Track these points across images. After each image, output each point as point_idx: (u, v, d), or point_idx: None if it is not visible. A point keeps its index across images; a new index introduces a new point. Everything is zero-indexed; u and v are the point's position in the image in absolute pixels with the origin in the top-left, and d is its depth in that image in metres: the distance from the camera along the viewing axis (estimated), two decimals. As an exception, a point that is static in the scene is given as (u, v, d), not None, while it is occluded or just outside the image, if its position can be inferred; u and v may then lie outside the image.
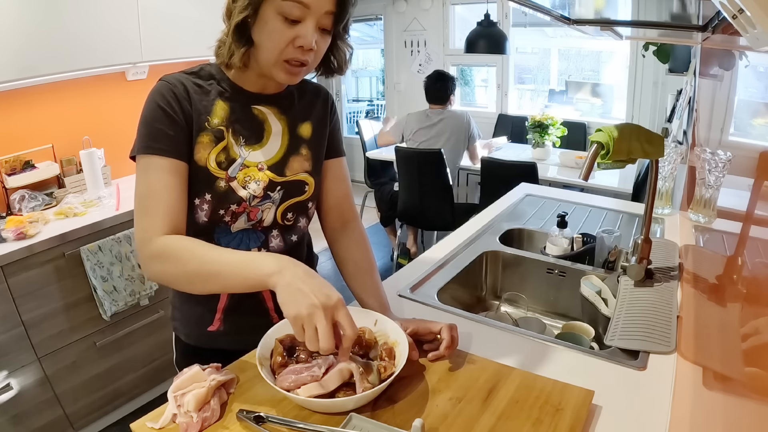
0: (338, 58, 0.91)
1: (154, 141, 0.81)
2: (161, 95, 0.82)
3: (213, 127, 0.86)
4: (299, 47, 0.79)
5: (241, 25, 0.79)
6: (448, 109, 3.14)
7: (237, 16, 0.78)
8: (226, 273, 0.74)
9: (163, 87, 0.83)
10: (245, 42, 0.81)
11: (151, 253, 0.78)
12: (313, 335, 0.67)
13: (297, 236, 0.99)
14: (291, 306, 0.67)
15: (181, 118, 0.82)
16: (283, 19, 0.77)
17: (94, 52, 1.94)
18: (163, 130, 0.81)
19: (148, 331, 2.09)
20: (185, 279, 0.77)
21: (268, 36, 0.79)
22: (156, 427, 0.72)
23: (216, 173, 0.86)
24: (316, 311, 0.67)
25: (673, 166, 1.59)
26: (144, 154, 0.81)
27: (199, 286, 0.77)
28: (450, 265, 1.35)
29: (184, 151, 0.83)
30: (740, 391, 0.55)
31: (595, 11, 1.28)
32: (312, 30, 0.78)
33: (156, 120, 0.81)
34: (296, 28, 0.78)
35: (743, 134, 1.07)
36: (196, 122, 0.84)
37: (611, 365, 0.91)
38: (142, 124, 0.82)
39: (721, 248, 1.03)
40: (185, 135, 0.83)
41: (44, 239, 1.73)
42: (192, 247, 0.77)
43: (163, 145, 0.81)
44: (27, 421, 1.77)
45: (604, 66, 4.35)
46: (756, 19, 0.37)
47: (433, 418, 0.74)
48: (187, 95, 0.84)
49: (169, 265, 0.77)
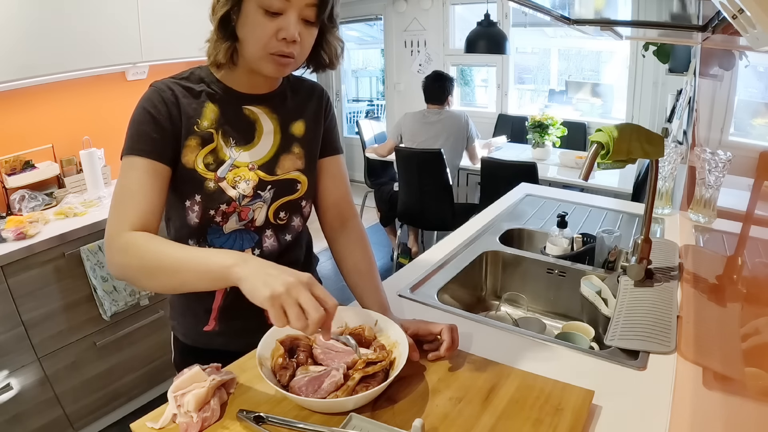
0: (328, 52, 0.91)
1: (137, 143, 0.82)
2: (149, 100, 0.84)
3: (202, 130, 0.86)
4: (282, 39, 0.79)
5: (224, 20, 0.80)
6: (446, 109, 3.14)
7: (219, 11, 0.79)
8: (188, 267, 0.72)
9: (152, 93, 0.84)
10: (229, 37, 0.82)
11: (117, 247, 0.77)
12: (299, 312, 0.64)
13: (292, 236, 0.98)
14: (263, 289, 0.64)
15: (167, 122, 0.83)
16: (264, 12, 0.78)
17: (94, 52, 1.94)
18: (147, 133, 0.82)
19: (148, 331, 2.09)
20: (147, 272, 0.75)
21: (251, 30, 0.79)
22: (156, 427, 0.72)
23: (204, 174, 0.86)
24: (292, 287, 0.64)
25: (673, 166, 1.59)
26: (127, 155, 0.82)
27: (162, 279, 0.75)
28: (450, 265, 1.35)
29: (167, 154, 0.84)
30: (740, 391, 0.55)
31: (595, 11, 1.28)
32: (294, 22, 0.79)
33: (141, 123, 0.83)
34: (278, 20, 0.78)
35: (743, 134, 1.07)
36: (185, 126, 0.85)
37: (611, 365, 0.91)
38: (129, 128, 0.84)
39: (721, 248, 1.03)
40: (170, 139, 0.84)
41: (44, 239, 1.73)
42: (156, 242, 0.76)
43: (145, 146, 0.82)
44: (27, 421, 1.77)
45: (604, 66, 4.35)
46: (756, 19, 0.37)
47: (433, 418, 0.74)
48: (175, 100, 0.85)
49: (131, 257, 0.76)
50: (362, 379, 0.76)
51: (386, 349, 0.82)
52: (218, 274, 0.69)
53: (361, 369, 0.76)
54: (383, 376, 0.77)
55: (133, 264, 0.76)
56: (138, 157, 0.81)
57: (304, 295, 0.65)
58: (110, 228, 0.79)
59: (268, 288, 0.64)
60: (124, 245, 0.77)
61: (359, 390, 0.74)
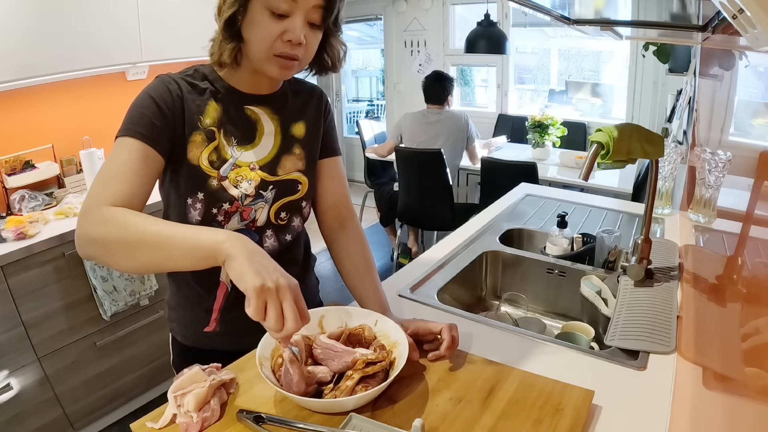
0: (331, 55, 0.91)
1: (136, 125, 0.79)
2: (155, 89, 0.83)
3: (205, 128, 0.86)
4: (288, 41, 0.79)
5: (230, 21, 0.80)
6: (446, 109, 3.14)
7: (226, 12, 0.79)
8: (173, 242, 0.68)
9: (159, 83, 0.84)
10: (235, 38, 0.82)
11: (95, 218, 0.71)
12: (279, 315, 0.63)
13: (292, 236, 0.99)
14: (254, 277, 0.62)
15: (170, 113, 0.82)
16: (270, 14, 0.78)
17: (93, 52, 1.94)
18: (148, 117, 0.80)
19: (148, 331, 2.09)
20: (125, 246, 0.70)
21: (257, 31, 0.79)
22: (156, 427, 0.72)
23: (208, 171, 0.86)
24: (282, 288, 0.63)
25: (673, 166, 1.59)
26: (123, 135, 0.79)
27: (141, 255, 0.69)
28: (450, 265, 1.35)
29: (164, 143, 0.81)
30: (740, 391, 0.55)
31: (595, 11, 1.28)
32: (300, 24, 0.79)
33: (143, 107, 0.80)
34: (284, 22, 0.78)
35: (743, 134, 1.07)
36: (188, 120, 0.84)
37: (611, 365, 0.91)
38: (128, 111, 0.81)
39: (721, 248, 1.03)
40: (170, 129, 0.82)
41: (44, 239, 1.73)
42: (142, 217, 0.71)
43: (143, 130, 0.79)
44: (27, 421, 1.77)
45: (604, 66, 4.35)
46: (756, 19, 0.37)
47: (433, 418, 0.74)
48: (180, 93, 0.84)
49: (110, 229, 0.70)
50: (362, 379, 0.76)
51: (386, 349, 0.82)
52: (207, 251, 0.66)
53: (361, 369, 0.76)
54: (383, 376, 0.77)
55: (110, 236, 0.70)
56: (133, 138, 0.78)
57: (288, 301, 0.64)
58: (89, 200, 0.74)
59: (259, 278, 0.63)
60: (104, 217, 0.71)
61: (359, 390, 0.74)
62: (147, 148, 0.79)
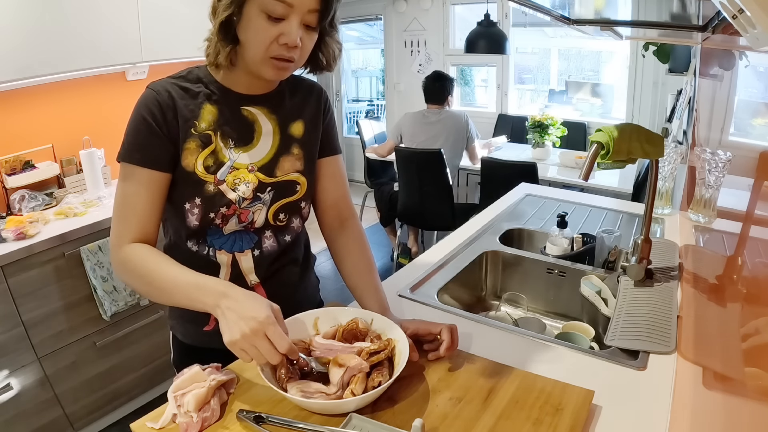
0: (326, 54, 0.91)
1: (135, 151, 0.83)
2: (145, 106, 0.84)
3: (200, 132, 0.86)
4: (284, 44, 0.79)
5: (225, 24, 0.80)
6: (446, 109, 3.14)
7: (221, 15, 0.79)
8: (177, 295, 0.79)
9: (148, 96, 0.84)
10: (231, 40, 0.82)
11: (118, 260, 0.84)
12: (258, 354, 0.71)
13: (291, 236, 0.98)
14: (226, 334, 0.72)
15: (164, 128, 0.84)
16: (266, 17, 0.77)
17: (93, 52, 1.94)
18: (144, 141, 0.83)
19: (148, 331, 2.09)
20: (143, 290, 0.84)
21: (253, 34, 0.79)
22: (156, 427, 0.72)
23: (204, 177, 0.86)
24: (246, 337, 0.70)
25: (673, 166, 1.59)
26: (125, 162, 0.84)
27: (157, 296, 0.83)
28: (450, 265, 1.35)
29: (164, 159, 0.85)
30: (740, 391, 0.55)
31: (595, 11, 1.28)
32: (296, 27, 0.79)
33: (138, 131, 0.84)
34: (280, 25, 0.78)
35: (743, 134, 1.07)
36: (182, 129, 0.85)
37: (611, 365, 0.91)
38: (126, 133, 0.85)
39: (721, 248, 1.02)
40: (167, 145, 0.85)
41: (44, 239, 1.73)
42: (152, 260, 0.82)
43: (140, 155, 0.83)
44: (27, 421, 1.77)
45: (604, 66, 4.35)
46: (756, 19, 0.37)
47: (433, 418, 0.74)
48: (172, 103, 0.84)
49: (129, 273, 0.83)
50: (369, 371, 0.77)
51: (382, 339, 0.83)
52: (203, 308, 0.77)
53: (367, 360, 0.76)
54: (389, 365, 0.78)
55: (130, 281, 0.84)
56: (135, 166, 0.83)
57: (260, 341, 0.71)
58: (113, 239, 0.85)
59: (227, 335, 0.72)
60: (123, 260, 0.83)
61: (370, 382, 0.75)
62: (150, 172, 0.83)
